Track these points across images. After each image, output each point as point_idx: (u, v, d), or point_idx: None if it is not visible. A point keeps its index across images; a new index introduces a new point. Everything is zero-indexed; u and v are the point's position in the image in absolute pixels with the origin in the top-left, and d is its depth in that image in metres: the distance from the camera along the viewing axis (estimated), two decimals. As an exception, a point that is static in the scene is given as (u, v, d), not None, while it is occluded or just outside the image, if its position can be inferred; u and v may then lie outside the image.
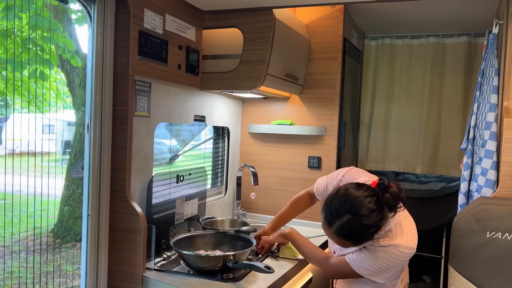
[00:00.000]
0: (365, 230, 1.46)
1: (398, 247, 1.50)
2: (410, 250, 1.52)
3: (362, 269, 1.55)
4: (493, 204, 1.67)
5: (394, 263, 1.52)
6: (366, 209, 1.43)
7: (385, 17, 2.78)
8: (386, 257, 1.51)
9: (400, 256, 1.51)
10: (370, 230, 1.46)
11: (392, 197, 1.45)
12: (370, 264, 1.53)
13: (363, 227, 1.44)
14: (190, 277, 1.76)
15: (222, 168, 2.77)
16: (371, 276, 1.55)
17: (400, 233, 1.52)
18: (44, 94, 1.66)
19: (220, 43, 2.25)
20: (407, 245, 1.51)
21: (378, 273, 1.54)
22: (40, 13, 1.61)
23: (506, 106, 1.74)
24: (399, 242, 1.51)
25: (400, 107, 3.15)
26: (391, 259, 1.51)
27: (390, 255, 1.51)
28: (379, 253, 1.51)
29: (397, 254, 1.51)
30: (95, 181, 1.78)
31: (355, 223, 1.44)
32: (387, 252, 1.51)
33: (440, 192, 2.82)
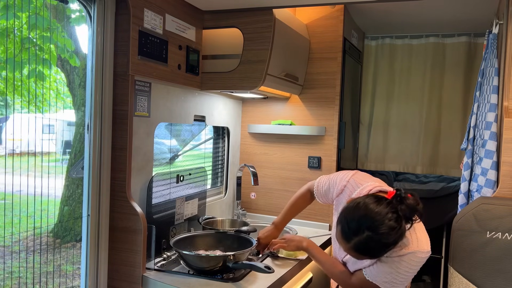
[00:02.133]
0: (384, 248, 1.43)
1: (416, 254, 1.48)
2: (426, 254, 1.51)
3: (385, 283, 1.53)
4: (493, 204, 1.67)
5: (413, 269, 1.51)
6: (386, 228, 1.39)
7: (385, 17, 2.78)
8: (406, 266, 1.49)
9: (419, 262, 1.50)
10: (389, 247, 1.43)
11: (408, 209, 1.43)
12: (392, 276, 1.51)
13: (382, 244, 1.41)
14: (190, 277, 1.76)
15: (222, 168, 2.77)
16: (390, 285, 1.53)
17: (416, 239, 1.50)
18: (44, 94, 1.66)
19: (220, 43, 2.25)
20: (423, 249, 1.49)
21: (401, 283, 1.53)
22: (39, 13, 1.61)
23: (506, 106, 1.74)
24: (416, 248, 1.48)
25: (400, 107, 3.15)
26: (411, 266, 1.49)
27: (410, 263, 1.48)
28: (399, 263, 1.49)
29: (416, 260, 1.49)
30: (95, 181, 1.78)
31: (374, 241, 1.40)
32: (406, 261, 1.48)
33: (440, 192, 2.82)
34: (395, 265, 1.49)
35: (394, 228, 1.39)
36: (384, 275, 1.52)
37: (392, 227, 1.39)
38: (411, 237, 1.49)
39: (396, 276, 1.50)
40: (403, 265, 1.48)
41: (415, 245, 1.48)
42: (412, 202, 1.44)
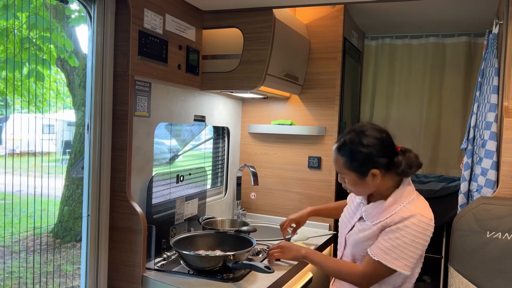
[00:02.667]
0: (360, 148, 1.51)
1: (417, 217, 1.48)
2: (429, 221, 1.50)
3: (395, 259, 1.48)
4: (493, 204, 1.67)
5: (419, 238, 1.47)
6: (370, 133, 1.52)
7: (385, 17, 2.78)
8: (410, 232, 1.47)
9: (423, 229, 1.48)
10: (364, 151, 1.51)
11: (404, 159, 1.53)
12: (399, 249, 1.48)
13: (360, 144, 1.51)
14: (190, 277, 1.76)
15: (222, 168, 2.77)
16: (405, 266, 1.48)
17: (416, 207, 1.51)
18: (44, 94, 1.66)
19: (220, 43, 2.25)
20: (424, 214, 1.49)
21: (410, 257, 1.48)
22: (39, 13, 1.60)
23: (506, 106, 1.74)
24: (417, 211, 1.49)
25: (400, 107, 3.15)
26: (416, 233, 1.47)
27: (413, 227, 1.47)
28: (403, 230, 1.48)
29: (419, 225, 1.48)
30: (95, 181, 1.78)
31: (355, 140, 1.53)
32: (409, 226, 1.47)
33: (440, 192, 2.82)
34: (399, 232, 1.48)
35: (377, 138, 1.53)
36: (391, 248, 1.48)
37: (375, 136, 1.53)
38: (411, 205, 1.51)
39: (403, 247, 1.47)
40: (407, 231, 1.47)
41: (417, 210, 1.49)
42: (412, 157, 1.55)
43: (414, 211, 1.49)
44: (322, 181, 2.63)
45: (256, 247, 2.14)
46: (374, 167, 1.52)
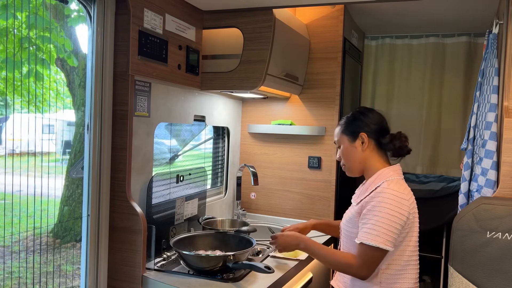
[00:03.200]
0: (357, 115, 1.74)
1: (387, 192, 1.58)
2: (400, 195, 1.58)
3: (377, 236, 1.54)
4: (493, 204, 1.67)
5: (390, 210, 1.55)
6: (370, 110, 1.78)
7: (385, 17, 2.78)
8: (381, 207, 1.56)
9: (394, 202, 1.56)
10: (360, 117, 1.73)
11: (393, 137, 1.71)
12: (378, 224, 1.55)
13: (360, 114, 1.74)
14: (190, 277, 1.76)
15: (222, 168, 2.77)
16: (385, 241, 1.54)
17: (388, 184, 1.61)
18: (44, 94, 1.66)
19: (220, 43, 2.25)
20: (396, 189, 1.59)
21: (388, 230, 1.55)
22: (38, 12, 1.60)
23: (506, 106, 1.74)
24: (392, 188, 1.60)
25: (400, 107, 3.15)
26: (386, 206, 1.56)
27: (383, 202, 1.57)
28: (374, 208, 1.58)
29: (389, 199, 1.57)
30: (95, 181, 1.78)
31: (356, 113, 1.76)
32: (379, 202, 1.57)
33: (440, 192, 2.82)
34: (374, 211, 1.57)
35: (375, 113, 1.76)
36: (370, 227, 1.56)
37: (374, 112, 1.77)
38: (388, 184, 1.62)
39: (380, 223, 1.55)
40: (381, 207, 1.56)
41: (389, 187, 1.60)
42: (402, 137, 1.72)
43: (387, 187, 1.60)
44: (322, 181, 2.63)
45: (256, 247, 2.14)
46: (364, 130, 1.70)
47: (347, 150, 1.73)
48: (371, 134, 1.70)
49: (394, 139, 1.70)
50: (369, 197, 1.62)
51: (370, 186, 1.66)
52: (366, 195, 1.65)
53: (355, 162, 1.73)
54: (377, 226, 1.55)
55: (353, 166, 1.74)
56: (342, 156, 1.75)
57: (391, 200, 1.57)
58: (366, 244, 1.56)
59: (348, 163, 1.75)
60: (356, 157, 1.72)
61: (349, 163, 1.74)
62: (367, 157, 1.71)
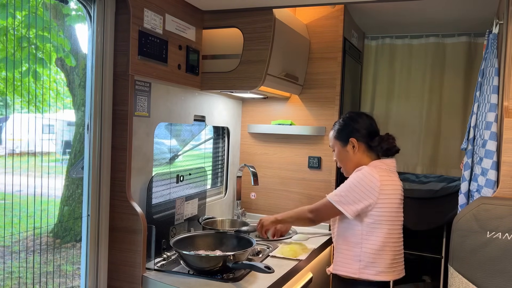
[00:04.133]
0: (347, 121, 1.96)
1: (363, 170, 1.85)
2: (372, 177, 1.83)
3: (337, 197, 1.86)
4: (493, 204, 1.67)
5: (357, 182, 1.83)
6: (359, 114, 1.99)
7: (385, 17, 2.78)
8: (352, 178, 1.86)
9: (362, 176, 1.83)
10: (349, 123, 1.95)
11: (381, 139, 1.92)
12: (342, 190, 1.86)
13: (348, 119, 1.97)
14: (190, 277, 1.76)
15: (222, 168, 2.77)
16: (344, 206, 1.83)
17: (371, 168, 1.87)
18: (44, 94, 1.66)
19: (220, 43, 2.25)
20: (373, 173, 1.84)
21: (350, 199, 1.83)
22: (36, 12, 1.60)
23: (506, 106, 1.74)
24: (367, 170, 1.85)
25: (400, 107, 3.15)
26: (356, 179, 1.84)
27: (355, 177, 1.85)
28: (350, 177, 1.88)
29: (361, 176, 1.84)
30: (95, 181, 1.78)
31: (346, 119, 1.98)
32: (353, 176, 1.87)
33: (440, 192, 2.82)
34: (348, 181, 1.88)
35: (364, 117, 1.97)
36: (339, 192, 1.87)
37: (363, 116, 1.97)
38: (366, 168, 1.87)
39: (347, 191, 1.84)
40: (352, 178, 1.86)
41: (364, 168, 1.87)
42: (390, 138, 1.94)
43: (363, 169, 1.86)
44: (322, 181, 2.63)
45: (256, 247, 2.14)
46: (354, 136, 1.92)
47: (340, 154, 1.98)
48: (361, 138, 1.92)
49: (382, 141, 1.91)
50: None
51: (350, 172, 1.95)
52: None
53: (348, 164, 1.96)
54: (344, 193, 1.85)
55: (347, 168, 1.98)
56: (337, 159, 2.00)
57: (360, 176, 1.84)
58: (328, 199, 1.88)
59: (342, 165, 2.00)
60: (348, 160, 1.95)
61: (344, 165, 2.00)
62: (359, 158, 1.93)
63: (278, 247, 2.19)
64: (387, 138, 1.92)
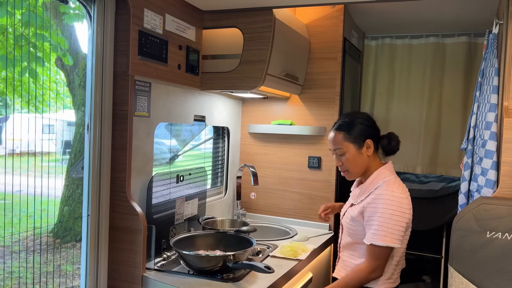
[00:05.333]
0: (356, 122, 1.78)
1: (387, 194, 1.69)
2: (400, 194, 1.69)
3: (384, 236, 1.65)
4: (493, 204, 1.67)
5: (393, 210, 1.66)
6: (360, 114, 1.84)
7: (385, 17, 2.78)
8: (384, 208, 1.67)
9: (395, 202, 1.67)
10: (360, 123, 1.78)
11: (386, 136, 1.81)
12: (379, 225, 1.66)
13: (357, 118, 1.79)
14: (190, 277, 1.76)
15: (222, 168, 2.77)
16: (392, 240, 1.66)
17: (387, 185, 1.72)
18: (44, 94, 1.66)
19: (220, 43, 2.25)
20: (395, 190, 1.69)
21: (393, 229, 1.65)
22: (34, 11, 1.60)
23: (506, 106, 1.74)
24: (387, 190, 1.70)
25: (400, 107, 3.15)
26: (389, 207, 1.66)
27: (385, 204, 1.67)
28: (377, 211, 1.68)
29: (390, 200, 1.67)
30: (95, 181, 1.78)
31: (351, 117, 1.81)
32: (382, 204, 1.68)
33: (440, 192, 2.82)
34: (377, 213, 1.68)
35: (368, 116, 1.83)
36: (377, 229, 1.67)
37: (366, 115, 1.83)
38: (386, 184, 1.72)
39: (386, 223, 1.66)
40: (383, 208, 1.67)
41: (388, 188, 1.71)
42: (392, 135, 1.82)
43: (386, 189, 1.70)
44: (322, 181, 2.63)
45: (256, 247, 2.14)
46: (368, 137, 1.77)
47: (354, 158, 1.78)
48: (374, 138, 1.79)
49: (391, 140, 1.80)
50: (371, 198, 1.73)
51: (369, 187, 1.77)
52: (366, 195, 1.76)
53: (359, 167, 1.80)
54: (383, 226, 1.66)
55: (357, 171, 1.81)
56: (347, 163, 1.79)
57: (392, 201, 1.68)
58: (375, 244, 1.67)
59: (352, 168, 1.80)
60: (362, 163, 1.79)
61: (354, 168, 1.80)
62: (370, 160, 1.80)
63: (278, 247, 2.19)
64: (395, 137, 1.82)
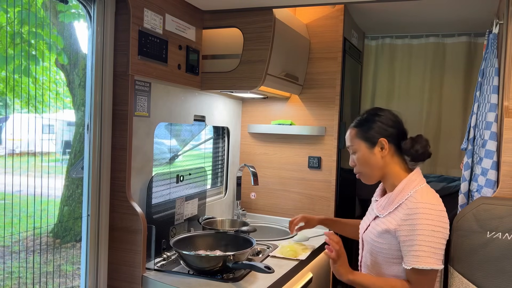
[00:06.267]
0: (373, 118, 1.61)
1: (429, 205, 1.48)
2: (437, 206, 1.49)
3: (423, 258, 1.45)
4: (493, 204, 1.67)
5: (434, 226, 1.46)
6: (385, 111, 1.63)
7: (385, 17, 2.78)
8: (423, 226, 1.45)
9: (434, 216, 1.46)
10: (376, 120, 1.60)
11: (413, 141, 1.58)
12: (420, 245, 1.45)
13: (374, 115, 1.61)
14: (190, 277, 1.76)
15: (222, 168, 2.77)
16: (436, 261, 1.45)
17: (421, 196, 1.52)
18: (44, 94, 1.66)
19: (220, 43, 2.25)
20: (432, 203, 1.49)
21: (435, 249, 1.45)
22: (30, 9, 1.60)
23: (506, 106, 1.74)
24: (422, 201, 1.49)
25: (400, 107, 3.15)
26: (429, 223, 1.45)
27: (424, 216, 1.46)
28: (416, 228, 1.46)
29: (430, 213, 1.47)
30: (95, 181, 1.78)
31: (370, 113, 1.63)
32: (423, 215, 1.47)
33: (440, 192, 2.79)
34: (416, 232, 1.46)
35: (391, 119, 1.61)
36: (417, 250, 1.46)
37: (390, 113, 1.63)
38: (419, 194, 1.52)
39: (427, 243, 1.45)
40: (422, 226, 1.45)
41: (423, 199, 1.50)
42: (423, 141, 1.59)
43: (420, 201, 1.49)
44: (322, 181, 2.63)
45: (256, 247, 2.14)
46: (384, 135, 1.57)
47: (365, 157, 1.60)
48: (391, 139, 1.58)
49: (415, 143, 1.58)
50: (404, 213, 1.51)
51: (398, 197, 1.56)
52: (395, 206, 1.55)
53: (374, 169, 1.60)
54: (425, 246, 1.45)
55: (371, 174, 1.62)
56: (358, 163, 1.62)
57: (431, 216, 1.47)
58: (419, 268, 1.45)
59: (366, 170, 1.62)
60: (375, 165, 1.59)
61: (368, 171, 1.62)
62: (387, 163, 1.59)
63: (278, 247, 2.18)
64: (421, 141, 1.58)
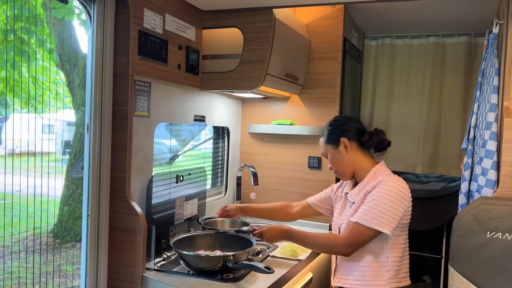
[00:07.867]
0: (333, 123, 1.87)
1: (390, 181, 1.71)
2: (402, 184, 1.71)
3: (369, 217, 1.67)
4: (494, 204, 1.67)
5: (391, 196, 1.67)
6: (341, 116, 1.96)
7: (385, 17, 2.78)
8: (382, 192, 1.68)
9: (395, 189, 1.69)
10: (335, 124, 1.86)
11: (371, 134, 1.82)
12: (372, 207, 1.68)
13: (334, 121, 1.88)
14: (190, 277, 1.76)
15: (222, 168, 2.77)
16: (382, 224, 1.66)
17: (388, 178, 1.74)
18: (43, 94, 1.66)
19: (220, 43, 2.25)
20: (400, 183, 1.71)
21: (384, 214, 1.66)
22: (25, 5, 1.59)
23: (506, 106, 1.74)
24: (393, 179, 1.72)
25: (400, 107, 3.15)
26: (388, 192, 1.68)
27: (385, 188, 1.69)
28: (376, 193, 1.69)
29: (392, 186, 1.69)
30: (95, 181, 1.78)
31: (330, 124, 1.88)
32: (382, 188, 1.69)
33: (441, 192, 2.82)
34: (375, 195, 1.69)
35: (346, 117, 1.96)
36: (368, 209, 1.68)
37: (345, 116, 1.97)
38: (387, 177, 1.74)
39: (379, 206, 1.66)
40: (382, 192, 1.68)
41: (390, 179, 1.73)
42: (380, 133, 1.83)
43: (387, 180, 1.72)
44: (322, 181, 2.63)
45: (256, 247, 2.14)
46: (344, 135, 1.81)
47: (334, 157, 1.85)
48: (351, 136, 1.83)
49: (372, 135, 1.82)
50: (371, 187, 1.73)
51: (369, 182, 1.76)
52: (368, 190, 1.74)
53: (344, 166, 1.84)
54: (375, 209, 1.67)
55: (344, 170, 1.85)
56: (332, 164, 1.87)
57: (392, 188, 1.69)
58: (361, 224, 1.67)
59: (339, 169, 1.86)
60: (343, 161, 1.83)
61: (340, 168, 1.85)
62: (353, 158, 1.83)
63: (278, 247, 2.18)
64: (377, 132, 1.84)
